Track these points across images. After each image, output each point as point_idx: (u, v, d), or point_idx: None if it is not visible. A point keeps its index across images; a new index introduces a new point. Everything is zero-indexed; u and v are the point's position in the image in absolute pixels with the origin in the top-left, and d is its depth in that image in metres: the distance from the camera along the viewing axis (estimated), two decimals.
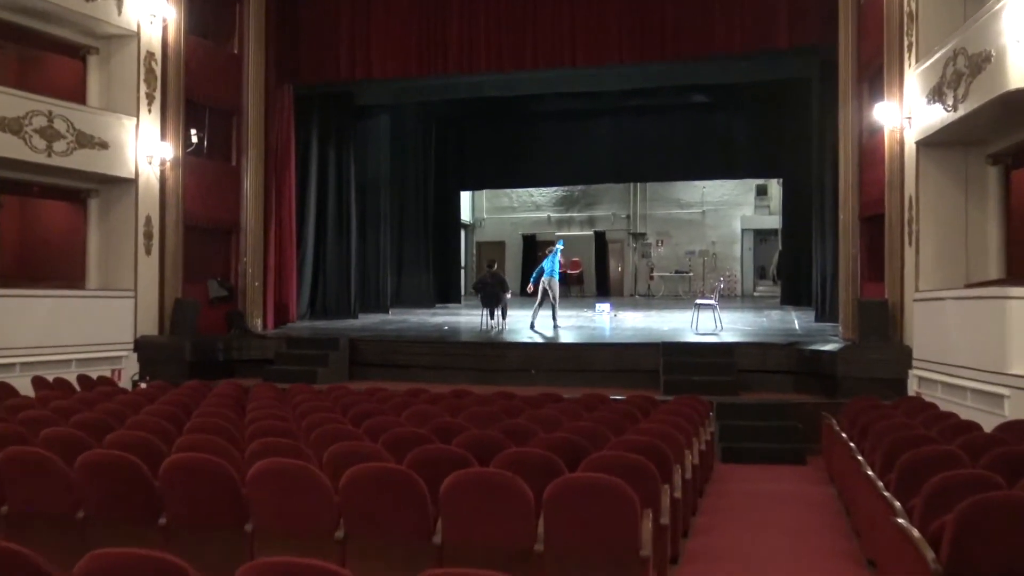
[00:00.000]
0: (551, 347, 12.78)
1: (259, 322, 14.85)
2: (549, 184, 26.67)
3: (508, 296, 15.23)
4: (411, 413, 7.20)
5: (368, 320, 17.32)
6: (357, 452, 4.86)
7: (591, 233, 27.69)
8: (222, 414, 6.79)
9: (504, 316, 15.21)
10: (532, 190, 28.24)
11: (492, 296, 14.88)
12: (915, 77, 10.27)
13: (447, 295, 22.56)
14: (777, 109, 19.73)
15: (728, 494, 7.93)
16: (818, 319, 15.10)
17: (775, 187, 25.53)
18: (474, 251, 29.14)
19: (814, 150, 16.05)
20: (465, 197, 28.19)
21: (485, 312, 15.20)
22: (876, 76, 11.66)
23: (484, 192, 28.84)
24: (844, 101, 12.60)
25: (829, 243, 14.58)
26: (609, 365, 12.12)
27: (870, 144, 12.03)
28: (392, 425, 6.22)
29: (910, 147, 10.43)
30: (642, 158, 21.87)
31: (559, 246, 15.54)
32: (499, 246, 28.25)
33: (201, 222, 14.20)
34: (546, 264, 15.31)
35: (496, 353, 12.59)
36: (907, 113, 10.44)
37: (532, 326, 15.01)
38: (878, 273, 11.57)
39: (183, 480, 4.43)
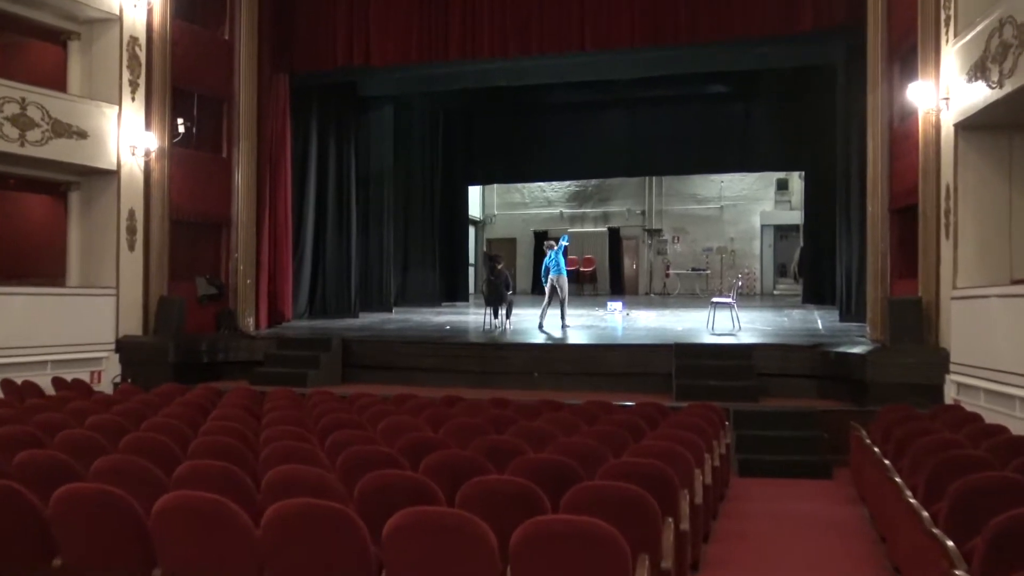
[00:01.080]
0: (556, 348, 11.95)
1: (251, 321, 14.11)
2: (560, 178, 25.78)
3: (512, 294, 14.39)
4: (388, 425, 6.42)
5: (369, 319, 16.57)
6: (298, 481, 4.07)
7: (605, 229, 26.81)
8: (171, 427, 6.02)
9: (508, 315, 14.39)
10: (544, 185, 27.40)
11: (496, 294, 14.07)
12: (953, 53, 9.35)
13: (454, 293, 21.78)
14: (799, 99, 18.79)
15: (746, 516, 7.08)
16: (843, 319, 14.22)
17: (796, 181, 24.54)
18: (484, 248, 28.29)
19: (839, 140, 15.17)
20: (475, 193, 27.42)
21: (488, 311, 14.40)
22: (909, 55, 10.74)
23: (495, 188, 27.99)
24: (873, 84, 11.66)
25: (855, 238, 13.72)
26: (618, 368, 11.28)
27: (902, 130, 11.11)
28: (358, 441, 5.43)
29: (947, 130, 9.51)
30: (657, 151, 20.96)
31: (564, 242, 14.65)
32: (510, 243, 27.44)
33: (189, 216, 13.48)
34: (550, 261, 14.48)
35: (497, 355, 11.78)
36: (944, 93, 9.53)
37: (540, 326, 14.20)
38: (910, 269, 10.65)
39: (79, 514, 3.66)
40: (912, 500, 4.79)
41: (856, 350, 10.35)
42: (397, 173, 19.91)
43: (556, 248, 14.49)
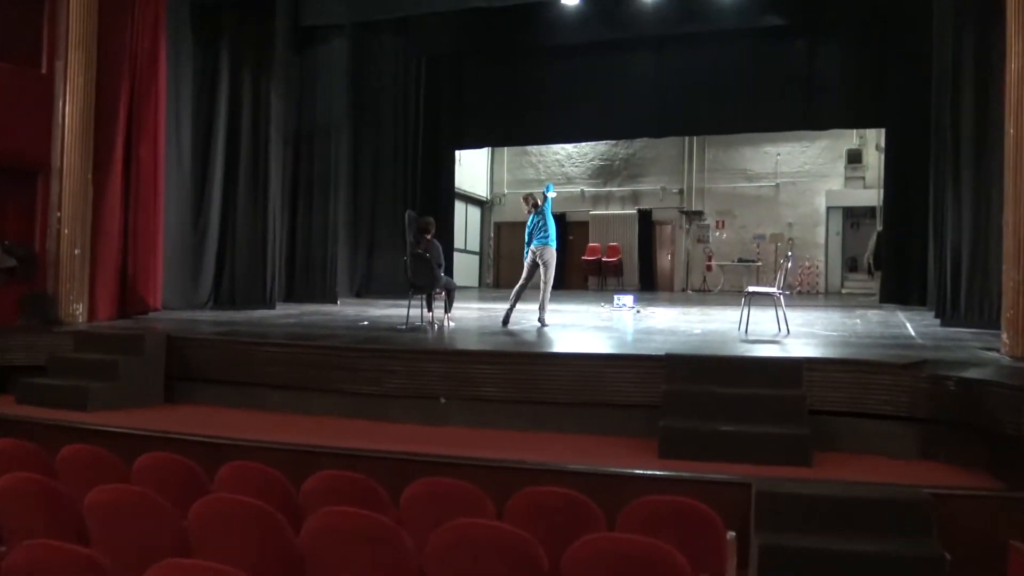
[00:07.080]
0: (483, 357, 7.34)
1: (82, 309, 9.87)
2: (572, 140, 21.05)
3: (443, 273, 9.89)
4: None
5: (285, 311, 12.31)
6: None
7: (634, 212, 22.09)
8: None
9: (449, 307, 9.95)
10: (563, 159, 22.87)
11: (425, 274, 9.59)
12: None
13: None
14: (878, 28, 14.28)
15: None
16: (945, 322, 9.51)
17: (871, 153, 19.64)
18: (491, 233, 23.93)
19: (936, 74, 10.75)
20: (481, 168, 23.18)
21: (421, 300, 10.00)
22: None
23: (504, 162, 23.63)
24: None
25: (967, 201, 9.14)
26: (572, 394, 6.75)
27: None
28: None
29: None
30: (694, 105, 16.44)
31: (549, 192, 10.13)
32: (521, 226, 22.84)
33: None
34: (534, 225, 10.11)
35: (383, 366, 7.29)
36: None
37: (506, 321, 9.86)
38: None
39: None
40: None
41: (998, 378, 5.58)
42: (358, 131, 15.75)
43: (543, 204, 10.02)
